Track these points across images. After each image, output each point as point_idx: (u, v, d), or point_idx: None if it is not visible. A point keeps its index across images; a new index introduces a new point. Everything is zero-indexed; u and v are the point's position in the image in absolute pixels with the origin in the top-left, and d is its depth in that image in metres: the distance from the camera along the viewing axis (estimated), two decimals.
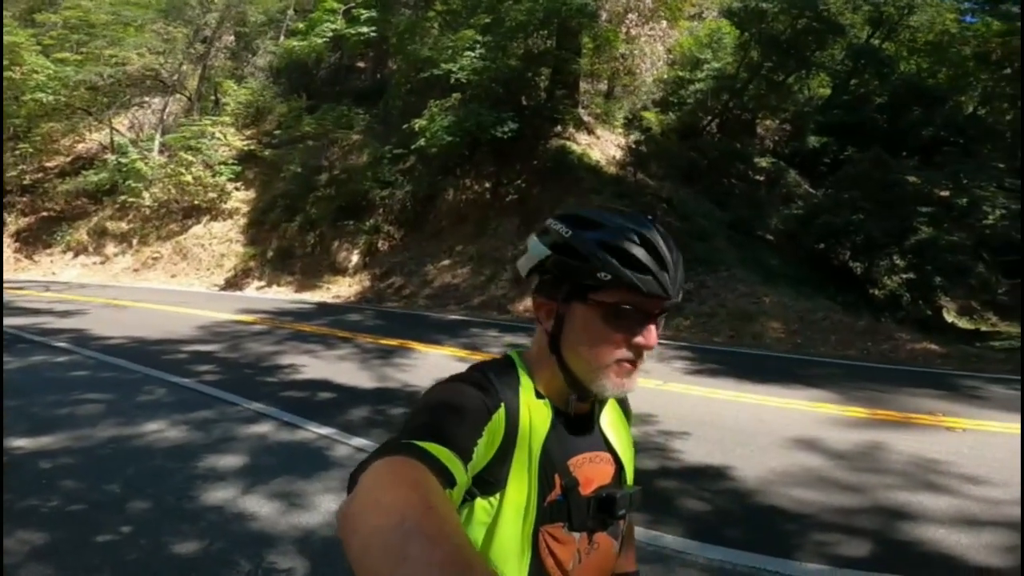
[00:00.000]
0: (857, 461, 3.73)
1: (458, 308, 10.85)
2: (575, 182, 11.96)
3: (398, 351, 6.96)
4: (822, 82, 15.94)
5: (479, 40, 12.05)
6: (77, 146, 18.80)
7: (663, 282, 0.78)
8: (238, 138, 16.86)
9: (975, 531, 2.83)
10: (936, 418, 4.60)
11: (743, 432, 4.24)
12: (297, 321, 9.07)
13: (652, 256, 0.79)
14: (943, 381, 6.03)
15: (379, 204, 13.63)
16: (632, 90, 15.15)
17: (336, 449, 3.81)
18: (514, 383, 0.83)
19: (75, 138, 18.58)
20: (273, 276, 13.87)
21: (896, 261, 11.67)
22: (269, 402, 4.76)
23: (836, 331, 8.33)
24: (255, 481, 3.25)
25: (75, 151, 18.69)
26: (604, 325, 0.79)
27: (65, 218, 16.95)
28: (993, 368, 6.80)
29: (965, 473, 3.50)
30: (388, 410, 4.75)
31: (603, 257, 0.78)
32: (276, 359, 6.42)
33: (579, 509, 0.82)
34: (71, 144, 18.64)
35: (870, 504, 3.14)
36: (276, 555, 2.53)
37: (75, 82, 15.73)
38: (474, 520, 0.77)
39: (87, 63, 16.01)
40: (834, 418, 4.62)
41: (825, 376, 6.08)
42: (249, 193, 16.23)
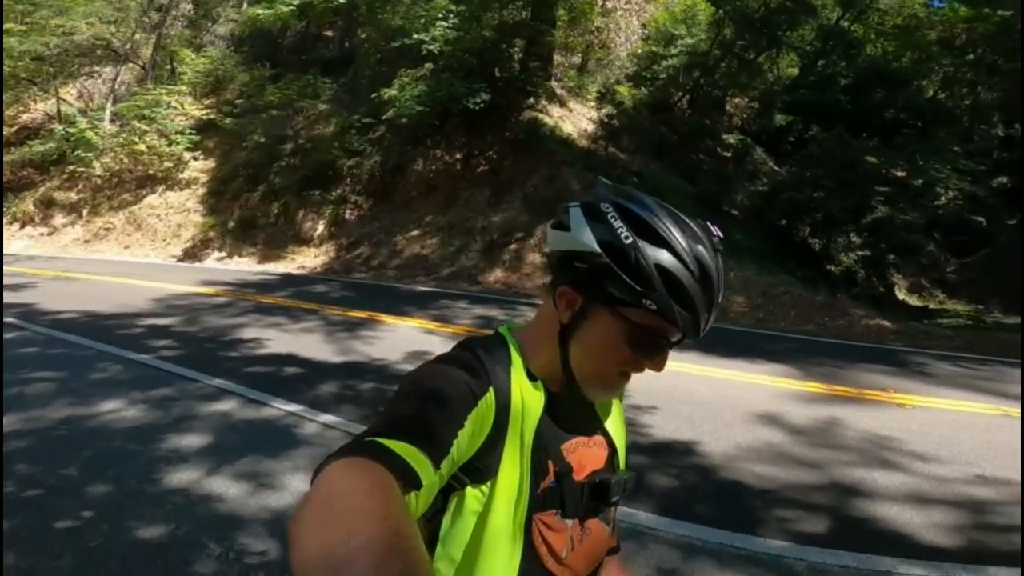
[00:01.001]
0: (816, 437, 3.87)
1: (427, 279, 10.74)
2: (547, 154, 11.85)
3: (366, 323, 6.86)
4: (791, 62, 16.12)
5: (452, 10, 11.74)
6: (21, 116, 17.79)
7: (700, 324, 0.74)
8: (196, 107, 16.15)
9: (925, 509, 2.94)
10: (888, 394, 4.79)
11: (710, 407, 4.34)
12: (260, 293, 8.82)
13: (704, 295, 0.73)
14: (894, 357, 6.27)
15: (346, 174, 13.27)
16: (606, 64, 15.04)
17: (304, 426, 3.74)
18: (505, 363, 0.78)
19: (19, 108, 17.61)
20: (234, 247, 13.42)
21: (853, 238, 12.07)
22: (232, 378, 4.63)
23: (796, 306, 8.61)
24: (220, 461, 3.17)
25: (19, 121, 17.70)
26: (623, 341, 0.75)
27: (11, 189, 16.04)
28: (940, 345, 7.11)
29: (915, 450, 3.65)
30: (357, 385, 4.68)
31: (657, 286, 0.71)
32: (238, 333, 6.23)
33: (573, 496, 0.80)
34: (15, 115, 17.63)
35: (828, 480, 3.26)
36: (247, 537, 2.48)
37: (19, 52, 14.79)
38: (465, 509, 0.74)
39: (32, 33, 15.06)
40: (795, 393, 4.77)
41: (786, 351, 6.27)
42: (208, 163, 15.58)
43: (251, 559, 2.34)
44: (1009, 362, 6.18)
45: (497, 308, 8.24)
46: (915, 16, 15.36)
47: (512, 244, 10.99)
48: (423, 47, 11.53)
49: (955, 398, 4.76)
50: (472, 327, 6.88)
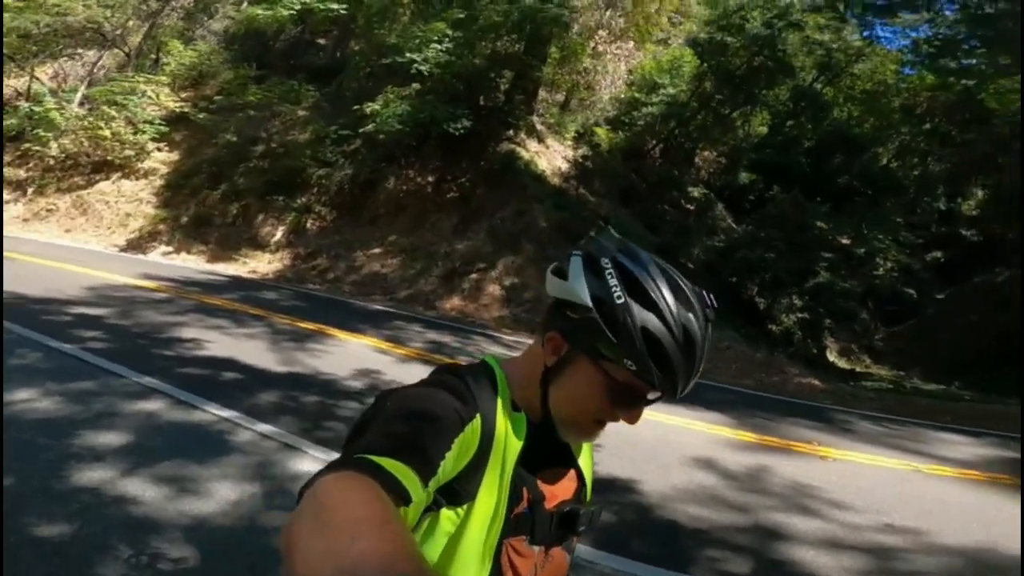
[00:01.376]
0: (745, 482, 4.03)
1: (383, 299, 10.60)
2: (519, 188, 12.05)
3: (315, 336, 6.69)
4: (762, 120, 16.62)
5: (449, 34, 11.87)
6: None
7: (678, 387, 0.77)
8: (172, 99, 15.73)
9: (837, 554, 3.10)
10: (812, 447, 5.04)
11: (651, 449, 4.44)
12: (205, 293, 8.49)
13: (686, 361, 0.75)
14: (822, 414, 6.62)
15: (315, 183, 13.09)
16: (588, 105, 15.39)
17: (238, 434, 3.59)
18: (491, 392, 0.81)
19: None
20: (184, 243, 12.92)
21: (795, 300, 12.67)
22: (163, 377, 4.41)
23: (737, 360, 8.94)
24: (139, 463, 3.00)
25: None
26: (602, 394, 0.78)
27: None
28: (864, 405, 7.52)
29: (833, 499, 3.84)
30: (300, 397, 4.54)
31: (639, 347, 0.73)
32: (176, 331, 5.96)
33: (542, 523, 0.82)
34: None
35: (753, 523, 3.39)
36: (163, 542, 2.35)
37: (8, 28, 14.20)
38: (438, 530, 0.75)
39: (26, 11, 14.55)
40: (729, 441, 4.96)
41: (725, 402, 6.48)
42: (172, 155, 15.11)
43: (165, 565, 2.22)
44: (923, 423, 6.65)
45: (451, 335, 8.19)
46: (884, 82, 16.01)
47: (473, 273, 11.01)
48: (414, 67, 11.62)
49: (872, 453, 5.05)
50: (424, 351, 6.81)
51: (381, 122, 11.63)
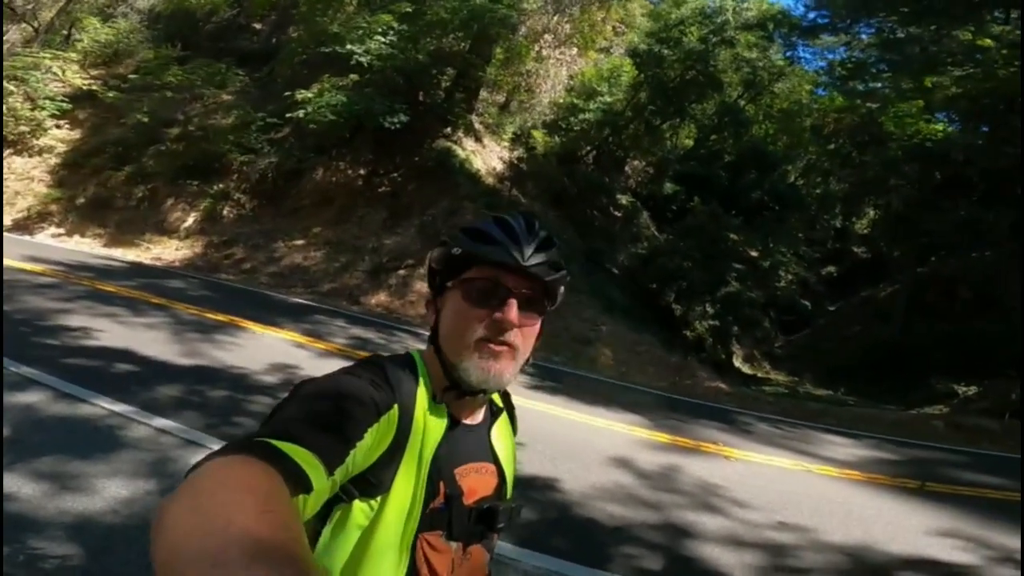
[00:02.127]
0: (659, 481, 4.20)
1: (305, 292, 10.16)
2: (452, 186, 11.96)
3: (226, 327, 6.29)
4: (689, 133, 17.37)
5: (394, 27, 11.59)
6: None
7: (511, 250, 0.81)
8: (79, 76, 14.31)
9: (738, 551, 3.25)
10: (718, 447, 5.34)
11: (571, 448, 4.55)
12: (99, 279, 7.76)
13: (504, 230, 0.82)
14: (727, 416, 7.03)
15: (235, 170, 12.33)
16: (527, 107, 15.53)
17: (132, 429, 3.30)
18: (412, 384, 0.81)
19: None
20: (78, 225, 11.77)
21: (708, 308, 13.42)
22: (45, 367, 4.00)
23: (654, 364, 9.38)
24: (15, 458, 2.69)
25: None
26: (465, 303, 0.81)
27: None
28: (763, 408, 8.06)
29: (735, 497, 4.05)
30: (206, 391, 4.25)
31: (460, 237, 0.83)
32: (63, 319, 5.42)
33: (460, 519, 0.82)
34: None
35: (665, 521, 3.54)
36: (43, 541, 2.14)
37: None
38: (350, 522, 0.73)
39: None
40: (645, 441, 5.16)
41: (641, 403, 6.77)
42: (73, 133, 13.75)
43: (47, 563, 2.02)
44: (812, 426, 7.22)
45: (375, 331, 7.98)
46: (799, 102, 17.16)
47: (401, 270, 10.81)
48: (354, 58, 11.26)
49: (769, 454, 5.40)
50: (347, 347, 6.59)
51: (313, 111, 11.18)
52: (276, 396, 4.37)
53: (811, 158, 17.92)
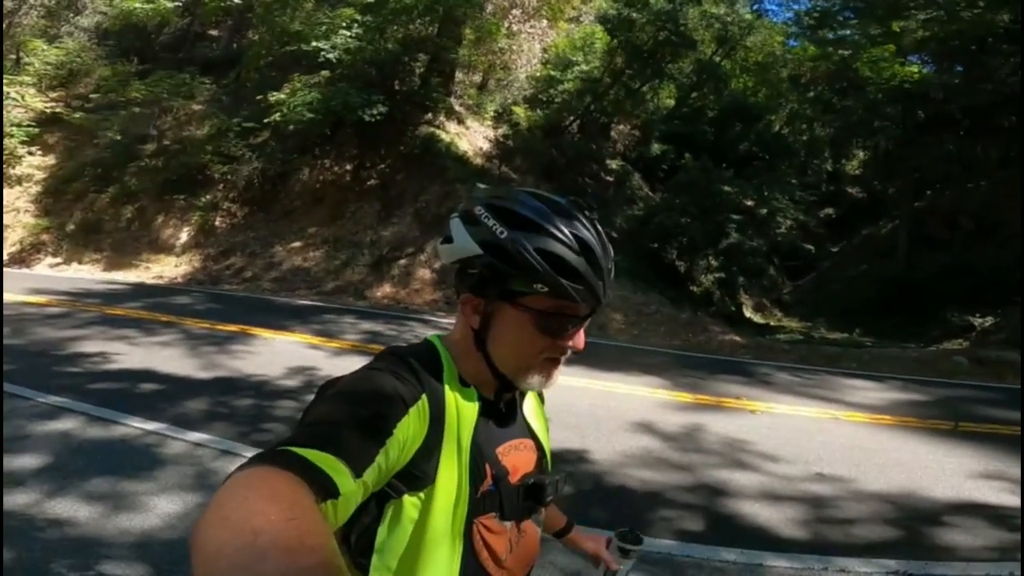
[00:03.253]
0: (685, 442, 4.21)
1: (309, 293, 10.17)
2: (441, 171, 11.87)
3: (238, 337, 6.33)
4: (670, 93, 17.27)
5: (358, 19, 11.37)
6: None
7: (597, 292, 0.77)
8: (39, 100, 14.01)
9: (778, 505, 3.23)
10: (740, 402, 5.33)
11: (595, 417, 4.58)
12: (106, 303, 7.78)
13: (590, 264, 0.77)
14: (744, 368, 7.01)
15: (220, 179, 12.22)
16: (505, 85, 15.37)
17: (168, 445, 3.35)
18: (438, 370, 0.79)
19: None
20: (74, 252, 11.72)
21: (711, 262, 13.44)
22: (73, 395, 4.05)
23: (665, 323, 9.41)
24: (65, 484, 2.75)
25: None
26: (535, 330, 0.78)
27: None
28: (779, 357, 8.05)
29: (765, 451, 4.02)
30: (231, 401, 4.30)
31: (542, 267, 0.74)
32: (79, 346, 5.45)
33: (510, 498, 0.81)
34: None
35: (699, 482, 3.53)
36: (108, 563, 2.19)
37: None
38: (403, 517, 0.73)
39: None
40: (666, 402, 5.18)
41: (658, 364, 6.79)
42: (47, 159, 13.55)
43: None
44: (833, 371, 7.19)
45: (385, 323, 8.02)
46: (773, 54, 17.22)
47: (402, 259, 10.80)
48: (321, 54, 11.07)
49: (793, 404, 5.37)
50: (359, 342, 6.63)
51: (289, 112, 11.03)
52: (299, 399, 4.42)
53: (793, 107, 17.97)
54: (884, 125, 14.11)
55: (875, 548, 2.84)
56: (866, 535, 2.99)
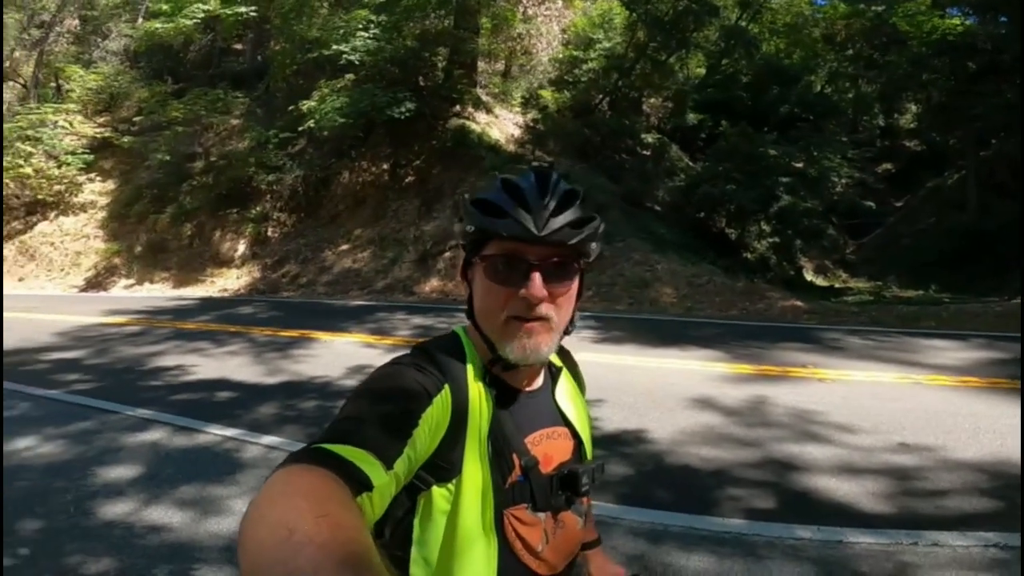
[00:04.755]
0: (749, 416, 4.06)
1: (361, 293, 10.47)
2: (475, 161, 11.90)
3: (300, 342, 6.59)
4: (699, 62, 16.94)
5: (373, 20, 11.56)
6: None
7: (523, 222, 0.74)
8: (88, 126, 14.84)
9: (859, 479, 3.06)
10: (809, 370, 5.08)
11: (651, 395, 4.50)
12: (178, 319, 8.27)
13: (514, 198, 0.75)
14: (810, 335, 6.68)
15: (266, 190, 12.72)
16: (529, 69, 15.34)
17: (246, 450, 3.55)
18: (460, 361, 0.79)
19: None
20: (144, 273, 12.49)
21: (763, 227, 12.96)
22: (157, 407, 4.33)
23: (719, 293, 9.13)
24: (158, 492, 2.95)
25: None
26: (488, 281, 0.78)
27: None
28: (848, 320, 7.65)
29: (840, 422, 3.81)
30: (298, 404, 4.50)
31: (471, 211, 0.77)
32: (158, 361, 5.82)
33: (542, 488, 0.80)
34: None
35: (766, 457, 3.39)
36: (203, 566, 2.34)
37: None
38: (434, 509, 0.74)
39: None
40: (726, 375, 5.02)
41: (714, 336, 6.60)
42: (107, 184, 14.43)
43: None
44: (910, 332, 6.75)
45: (435, 317, 8.17)
46: (801, 14, 16.65)
47: (446, 252, 10.94)
48: (343, 57, 11.30)
49: (868, 370, 5.04)
50: (412, 338, 6.78)
51: (321, 118, 11.33)
52: None
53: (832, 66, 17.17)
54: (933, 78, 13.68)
55: (970, 520, 2.66)
56: (959, 507, 2.79)
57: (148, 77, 15.71)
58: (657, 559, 2.39)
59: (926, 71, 13.61)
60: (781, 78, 15.13)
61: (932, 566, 2.33)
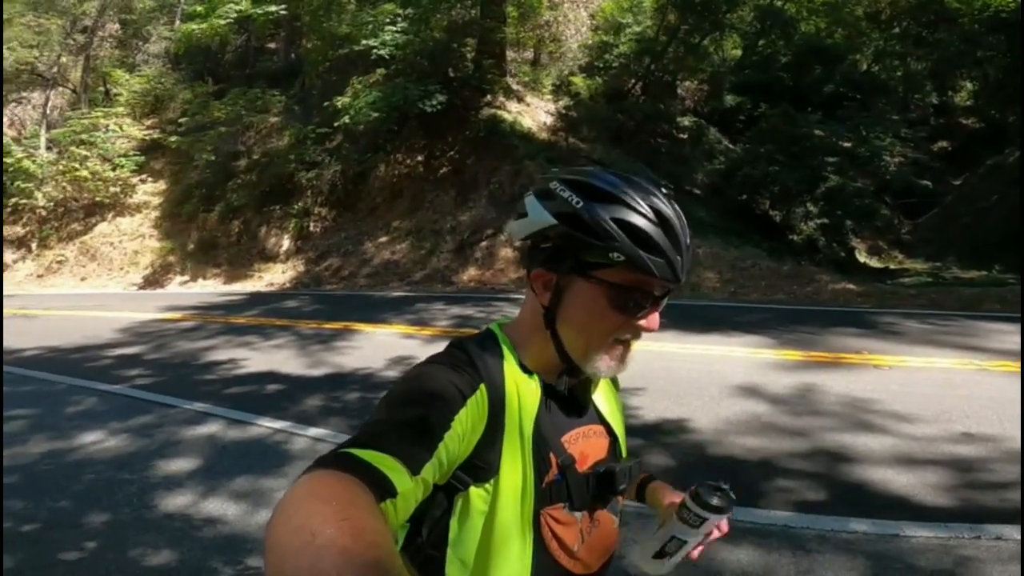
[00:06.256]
0: (798, 405, 3.92)
1: (401, 284, 10.65)
2: (509, 150, 11.87)
3: (343, 334, 6.76)
4: (734, 44, 16.45)
5: (400, 14, 11.65)
6: None
7: (675, 266, 0.74)
8: (137, 128, 15.52)
9: (918, 470, 2.93)
10: (863, 356, 4.87)
11: (694, 383, 4.41)
12: (229, 314, 8.60)
13: (668, 237, 0.74)
14: (863, 319, 6.38)
15: (306, 186, 13.04)
16: (558, 56, 15.17)
17: (294, 442, 3.68)
18: (497, 358, 0.78)
19: None
20: (197, 269, 13.05)
21: (810, 208, 12.46)
22: (212, 401, 4.53)
23: (765, 277, 8.86)
24: (215, 484, 3.10)
25: None
26: (608, 305, 0.75)
27: None
28: (906, 303, 7.29)
29: (897, 411, 3.66)
30: (342, 396, 4.62)
31: (618, 236, 0.72)
32: (211, 355, 6.07)
33: (578, 488, 0.79)
34: None
35: (816, 447, 3.26)
36: (255, 558, 2.44)
37: None
38: (471, 510, 0.74)
39: None
40: (772, 362, 4.87)
41: (760, 321, 6.41)
42: (158, 185, 15.08)
43: None
44: (973, 315, 6.38)
45: (473, 306, 8.23)
46: None
47: (483, 241, 10.99)
48: (373, 53, 11.43)
49: (927, 355, 4.81)
50: (451, 328, 6.86)
51: (355, 113, 11.51)
52: None
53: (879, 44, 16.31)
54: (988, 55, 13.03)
55: None
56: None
57: (189, 79, 16.24)
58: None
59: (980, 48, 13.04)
60: (823, 58, 14.51)
61: (994, 560, 2.22)
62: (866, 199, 11.98)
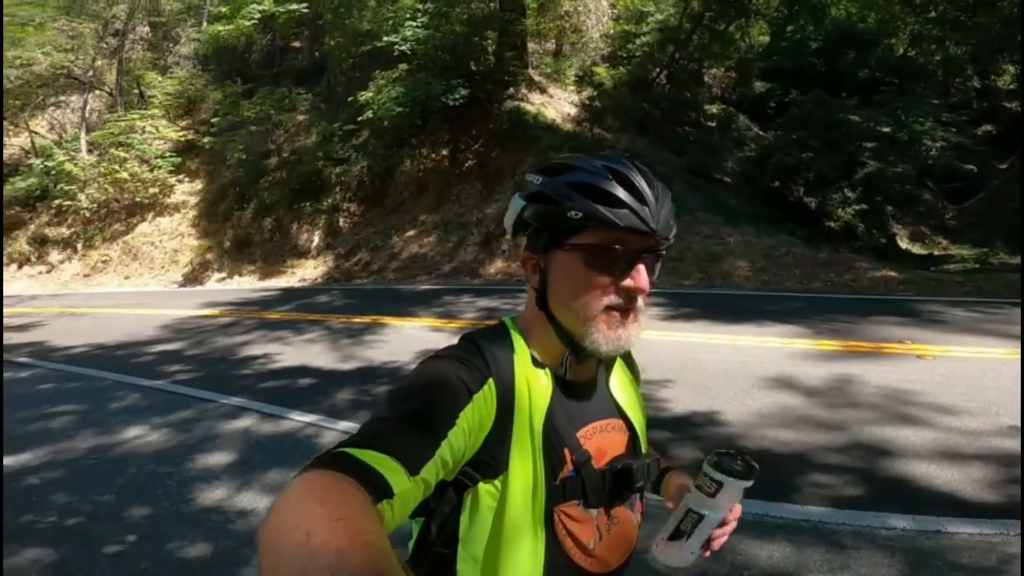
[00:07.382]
0: (834, 396, 3.80)
1: (429, 278, 10.75)
2: (533, 142, 11.81)
3: (372, 328, 6.86)
4: (761, 30, 16.10)
5: (420, 8, 11.71)
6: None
7: (642, 215, 0.73)
8: (172, 129, 15.98)
9: (962, 465, 2.82)
10: (905, 346, 4.68)
11: (724, 374, 4.32)
12: (263, 309, 8.83)
13: (627, 190, 0.74)
14: (905, 307, 6.14)
15: (335, 182, 13.25)
16: (580, 47, 15.02)
17: (324, 436, 3.76)
18: (507, 352, 0.77)
19: None
20: (233, 266, 13.42)
21: (847, 194, 12.06)
22: (248, 395, 4.66)
23: (800, 265, 8.60)
24: (249, 478, 3.19)
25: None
26: (587, 270, 0.74)
27: None
28: (951, 291, 6.98)
29: (940, 403, 3.54)
30: (372, 389, 4.70)
31: (574, 196, 0.74)
32: (247, 350, 6.25)
33: (594, 484, 0.78)
34: None
35: (853, 441, 3.17)
36: None
37: None
38: (481, 506, 0.73)
39: None
40: (807, 353, 4.72)
41: (794, 311, 6.22)
42: (195, 184, 15.54)
43: None
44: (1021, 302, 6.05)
45: (500, 298, 8.25)
46: None
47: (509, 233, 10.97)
48: (395, 48, 11.51)
49: (975, 345, 4.61)
50: (477, 320, 6.89)
51: (379, 109, 11.62)
52: None
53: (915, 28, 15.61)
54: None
55: None
56: None
57: (219, 79, 16.60)
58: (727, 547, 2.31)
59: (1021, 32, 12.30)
60: (856, 42, 14.02)
61: None
62: (907, 184, 11.55)
